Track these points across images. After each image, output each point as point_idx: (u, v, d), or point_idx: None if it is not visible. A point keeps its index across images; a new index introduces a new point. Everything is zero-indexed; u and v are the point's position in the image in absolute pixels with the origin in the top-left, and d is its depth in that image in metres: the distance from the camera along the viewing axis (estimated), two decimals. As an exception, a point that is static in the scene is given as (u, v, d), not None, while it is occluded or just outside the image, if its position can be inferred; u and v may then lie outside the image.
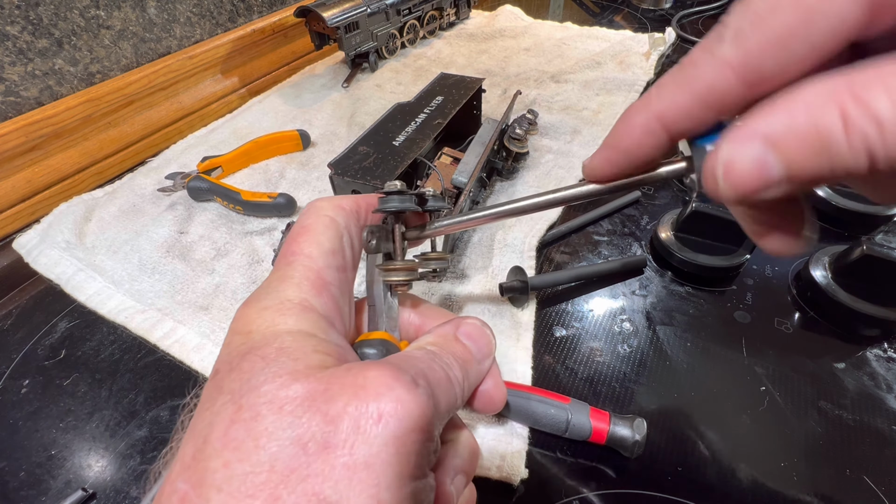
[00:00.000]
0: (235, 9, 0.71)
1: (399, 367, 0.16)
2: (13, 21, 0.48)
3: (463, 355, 0.20)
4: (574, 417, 0.29)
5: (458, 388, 0.19)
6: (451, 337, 0.20)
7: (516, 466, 0.29)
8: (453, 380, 0.18)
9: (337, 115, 0.64)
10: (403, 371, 0.16)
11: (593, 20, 0.92)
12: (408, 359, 0.18)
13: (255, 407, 0.14)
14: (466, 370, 0.19)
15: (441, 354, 0.19)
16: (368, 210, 0.22)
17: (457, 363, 0.19)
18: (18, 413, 0.34)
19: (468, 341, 0.20)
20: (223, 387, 0.15)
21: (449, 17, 0.86)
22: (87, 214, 0.49)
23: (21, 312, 0.41)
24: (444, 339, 0.20)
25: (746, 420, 0.31)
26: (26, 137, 0.49)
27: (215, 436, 0.14)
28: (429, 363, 0.18)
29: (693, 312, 0.38)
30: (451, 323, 0.21)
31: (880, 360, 0.34)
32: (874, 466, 0.29)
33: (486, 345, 0.21)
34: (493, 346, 0.22)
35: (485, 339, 0.21)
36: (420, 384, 0.16)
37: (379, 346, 0.20)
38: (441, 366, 0.18)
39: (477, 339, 0.21)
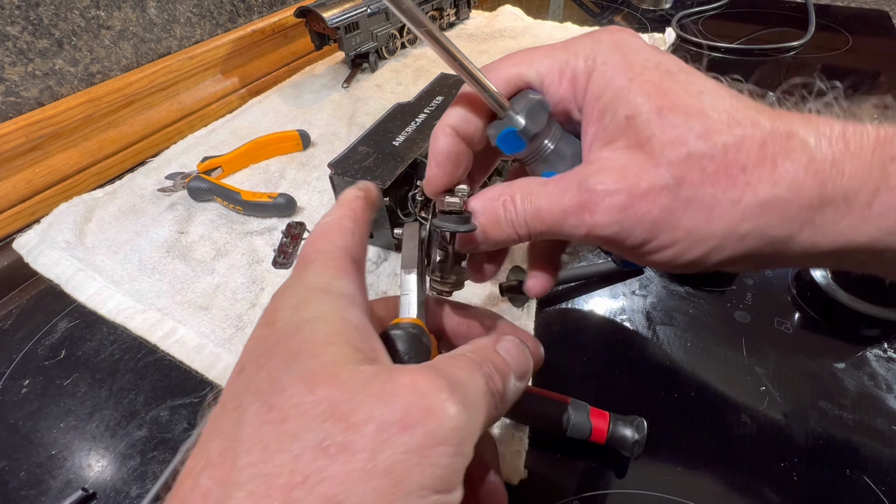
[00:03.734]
0: (235, 9, 0.71)
1: (436, 371, 0.15)
2: (13, 21, 0.48)
3: (503, 368, 0.19)
4: (574, 416, 0.29)
5: (499, 400, 0.18)
6: (490, 349, 0.20)
7: (516, 466, 0.29)
8: (494, 391, 0.18)
9: (337, 116, 0.64)
10: (439, 376, 0.15)
11: (593, 20, 0.92)
12: (448, 363, 0.17)
13: (284, 409, 0.14)
14: (504, 382, 0.19)
15: (483, 363, 0.18)
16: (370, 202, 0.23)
17: (498, 374, 0.19)
18: (19, 413, 0.34)
19: (508, 356, 0.20)
20: (251, 386, 0.15)
21: (449, 17, 0.86)
22: (87, 214, 0.49)
23: (21, 312, 0.41)
24: (483, 349, 0.20)
25: (746, 420, 0.31)
26: (26, 138, 0.49)
27: (245, 435, 0.14)
28: (469, 370, 0.17)
29: (693, 312, 0.38)
30: (490, 337, 0.21)
31: (880, 360, 0.34)
32: (874, 466, 0.29)
33: (524, 363, 0.21)
34: (530, 367, 0.21)
35: (523, 358, 0.21)
36: (457, 393, 0.15)
37: (411, 329, 0.20)
38: (483, 374, 0.18)
39: (516, 356, 0.20)
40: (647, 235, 0.20)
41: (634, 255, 0.22)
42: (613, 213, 0.20)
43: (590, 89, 0.21)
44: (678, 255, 0.20)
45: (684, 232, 0.20)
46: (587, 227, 0.20)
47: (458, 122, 0.23)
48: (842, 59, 0.75)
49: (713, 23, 0.88)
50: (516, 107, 0.22)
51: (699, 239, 0.20)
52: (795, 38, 0.77)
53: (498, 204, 0.22)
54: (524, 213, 0.22)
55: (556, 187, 0.22)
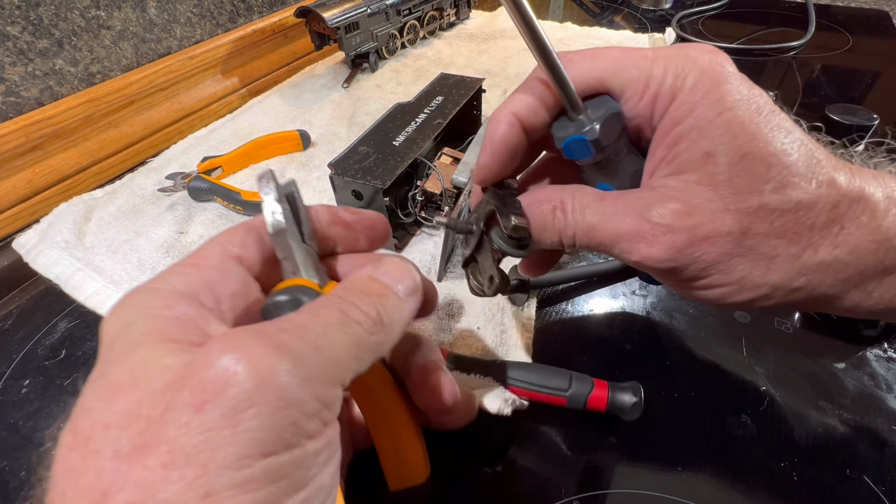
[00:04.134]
0: (236, 9, 0.71)
1: (251, 331, 0.14)
2: (13, 21, 0.48)
3: (378, 290, 0.18)
4: (576, 375, 0.30)
5: (375, 329, 0.17)
6: (364, 277, 0.19)
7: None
8: (358, 319, 0.17)
9: (337, 116, 0.64)
10: (253, 335, 0.14)
11: (593, 20, 0.92)
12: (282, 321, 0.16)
13: (89, 429, 0.13)
14: (384, 305, 0.18)
15: (345, 295, 0.17)
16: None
17: (367, 300, 0.17)
18: (19, 413, 0.34)
19: (386, 277, 0.19)
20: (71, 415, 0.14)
21: (449, 17, 0.86)
22: (87, 214, 0.49)
23: (21, 312, 0.41)
24: (355, 281, 0.19)
25: (746, 420, 0.31)
26: (27, 138, 0.49)
27: (58, 469, 0.13)
28: (314, 311, 0.16)
29: (693, 312, 0.38)
30: (369, 265, 0.20)
31: (880, 360, 0.34)
32: (874, 467, 0.29)
33: (409, 279, 0.20)
34: (417, 282, 0.20)
35: (406, 274, 0.20)
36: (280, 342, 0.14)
37: (281, 295, 0.18)
38: (337, 308, 0.16)
39: (396, 274, 0.19)
40: (700, 274, 0.20)
41: (679, 286, 0.21)
42: (672, 250, 0.19)
43: (671, 112, 0.20)
44: (724, 296, 0.20)
45: (737, 277, 0.20)
46: (640, 256, 0.20)
47: (525, 111, 0.22)
48: (842, 59, 0.75)
49: (713, 23, 0.88)
50: (591, 112, 0.21)
51: (750, 286, 0.20)
52: (795, 38, 0.77)
53: (547, 209, 0.22)
54: (575, 225, 0.21)
55: (614, 207, 0.21)
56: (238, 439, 0.12)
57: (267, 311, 0.18)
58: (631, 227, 0.20)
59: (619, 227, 0.20)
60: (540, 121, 0.22)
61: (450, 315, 0.38)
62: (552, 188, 0.23)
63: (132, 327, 0.15)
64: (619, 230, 0.20)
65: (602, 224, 0.21)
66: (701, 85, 0.20)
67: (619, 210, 0.21)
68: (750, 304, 0.20)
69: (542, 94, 0.22)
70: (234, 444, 0.12)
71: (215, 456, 0.12)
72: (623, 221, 0.20)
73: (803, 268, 0.19)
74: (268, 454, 0.13)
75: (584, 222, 0.21)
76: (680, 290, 0.22)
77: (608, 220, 0.21)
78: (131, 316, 0.16)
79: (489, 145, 0.22)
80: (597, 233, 0.21)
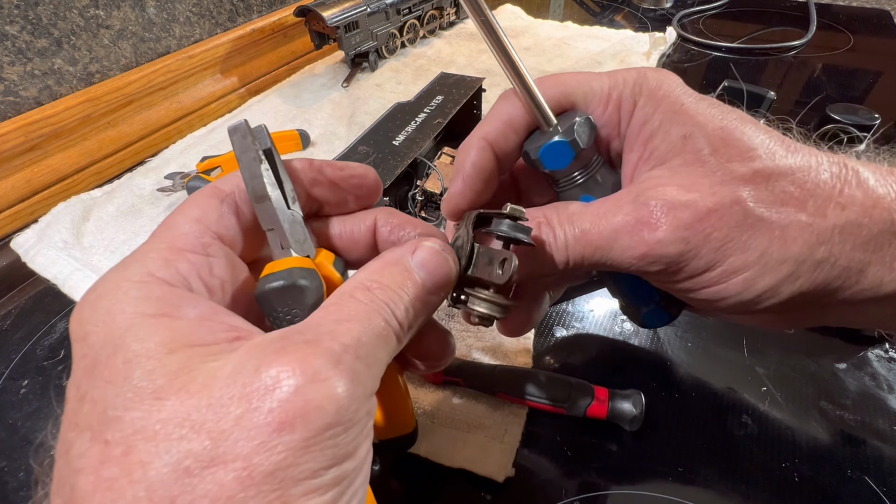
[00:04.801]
0: (235, 8, 0.70)
1: (313, 347, 0.14)
2: (12, 21, 0.48)
3: (413, 290, 0.17)
4: (576, 383, 0.30)
5: (401, 335, 0.16)
6: (401, 266, 0.17)
7: (504, 464, 0.29)
8: (394, 329, 0.16)
9: (337, 115, 0.64)
10: (316, 354, 0.13)
11: (594, 20, 0.92)
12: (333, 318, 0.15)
13: (126, 440, 0.12)
14: (414, 308, 0.17)
15: (382, 294, 0.16)
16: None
17: (402, 301, 0.16)
18: (18, 413, 0.34)
19: (422, 271, 0.17)
20: (79, 423, 0.13)
21: (449, 16, 0.86)
22: (86, 214, 0.49)
23: (20, 313, 0.41)
24: (390, 270, 0.17)
25: (747, 420, 0.31)
26: (25, 137, 0.49)
27: (84, 481, 0.12)
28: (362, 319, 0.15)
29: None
30: (406, 247, 0.18)
31: (881, 361, 0.34)
32: (876, 467, 0.29)
33: (444, 275, 0.18)
34: (452, 274, 0.18)
35: (443, 269, 0.18)
36: (342, 366, 0.13)
37: (280, 280, 0.16)
38: (382, 316, 0.16)
39: (433, 268, 0.18)
40: (715, 257, 0.18)
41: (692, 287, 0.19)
42: (679, 228, 0.18)
43: (636, 114, 0.20)
44: (747, 284, 0.18)
45: (757, 254, 0.18)
46: (646, 245, 0.18)
47: (495, 135, 0.21)
48: (843, 58, 0.75)
49: (714, 22, 0.88)
50: (563, 122, 0.21)
51: (774, 263, 0.17)
52: (796, 38, 0.77)
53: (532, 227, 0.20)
54: (564, 236, 0.19)
55: (603, 206, 0.19)
56: (315, 457, 0.13)
57: (265, 296, 0.17)
58: (628, 217, 0.18)
59: (615, 221, 0.19)
60: (510, 144, 0.22)
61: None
62: (532, 209, 0.21)
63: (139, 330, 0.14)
64: (615, 224, 0.19)
65: (595, 225, 0.19)
66: (658, 89, 0.20)
67: (611, 207, 0.19)
68: (775, 294, 0.18)
69: (509, 117, 0.21)
70: (311, 461, 0.13)
71: (293, 472, 0.12)
72: (617, 215, 0.19)
73: (819, 234, 0.17)
74: (335, 465, 0.13)
75: (574, 230, 0.19)
76: (692, 295, 0.20)
77: (600, 219, 0.19)
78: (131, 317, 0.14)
79: (460, 173, 0.21)
80: (591, 236, 0.19)
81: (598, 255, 0.19)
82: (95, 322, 0.14)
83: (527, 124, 0.22)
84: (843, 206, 0.18)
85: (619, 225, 0.19)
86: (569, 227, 0.20)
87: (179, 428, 0.12)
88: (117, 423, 0.12)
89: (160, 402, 0.13)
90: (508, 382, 0.31)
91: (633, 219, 0.18)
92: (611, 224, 0.19)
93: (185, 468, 0.12)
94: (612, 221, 0.19)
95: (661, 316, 0.26)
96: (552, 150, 0.21)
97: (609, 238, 0.19)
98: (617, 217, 0.19)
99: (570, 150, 0.21)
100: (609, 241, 0.19)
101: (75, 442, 0.13)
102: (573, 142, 0.20)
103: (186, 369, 0.13)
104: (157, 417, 0.12)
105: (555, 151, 0.21)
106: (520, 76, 0.20)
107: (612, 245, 0.19)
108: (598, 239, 0.19)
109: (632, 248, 0.18)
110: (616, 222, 0.19)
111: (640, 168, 0.20)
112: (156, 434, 0.12)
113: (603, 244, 0.19)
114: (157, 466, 0.12)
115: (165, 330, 0.14)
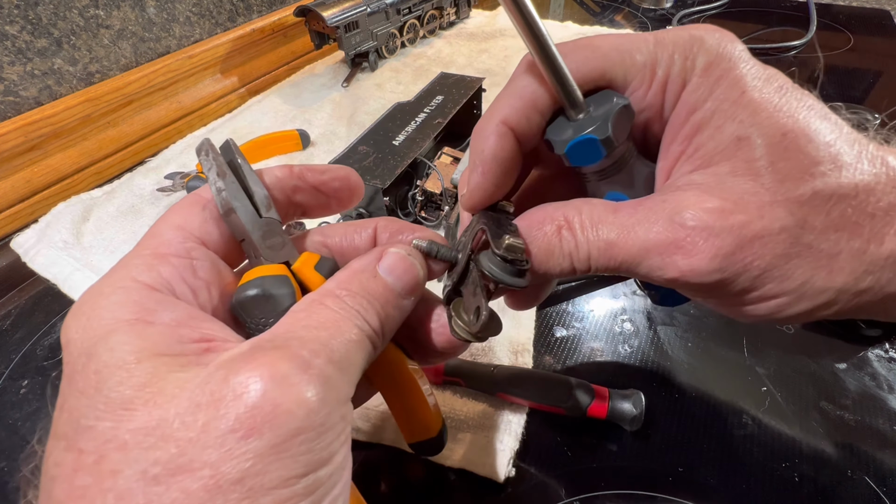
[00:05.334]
0: (235, 8, 0.70)
1: (281, 352, 0.14)
2: (12, 20, 0.48)
3: (382, 295, 0.17)
4: (576, 383, 0.30)
5: (376, 339, 0.16)
6: (368, 273, 0.17)
7: (504, 464, 0.29)
8: (367, 334, 0.16)
9: (337, 115, 0.64)
10: (284, 358, 0.13)
11: (594, 19, 0.92)
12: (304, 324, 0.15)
13: (98, 449, 0.12)
14: (386, 312, 0.17)
15: (352, 301, 0.16)
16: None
17: (373, 307, 0.17)
18: (18, 413, 0.34)
19: (390, 277, 0.18)
20: (57, 431, 0.13)
21: (449, 16, 0.86)
22: (86, 214, 0.49)
23: (20, 313, 0.41)
24: (358, 277, 0.17)
25: (748, 420, 0.31)
26: (25, 137, 0.49)
27: (59, 489, 0.13)
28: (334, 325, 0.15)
29: (694, 312, 0.38)
30: (371, 254, 0.18)
31: (881, 361, 0.34)
32: (876, 467, 0.28)
33: (411, 279, 0.18)
34: (420, 278, 0.19)
35: (411, 273, 0.18)
36: (312, 372, 0.13)
37: (252, 289, 0.17)
38: (355, 322, 0.16)
39: (401, 273, 0.18)
40: (751, 285, 0.16)
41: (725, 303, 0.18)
42: (717, 258, 0.16)
43: (685, 98, 0.17)
44: (780, 308, 0.17)
45: (797, 283, 0.16)
46: (678, 272, 0.16)
47: (515, 117, 0.18)
48: (843, 58, 0.75)
49: (714, 22, 0.87)
50: (595, 109, 0.18)
51: (813, 293, 0.16)
52: (797, 38, 0.77)
53: (551, 230, 0.18)
54: (588, 244, 0.18)
55: (634, 217, 0.17)
56: (285, 464, 0.13)
57: (239, 306, 0.17)
58: (660, 236, 0.16)
59: (646, 238, 0.17)
60: (533, 126, 0.19)
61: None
62: (551, 206, 0.19)
63: (112, 339, 0.14)
64: (645, 242, 0.17)
65: (623, 238, 0.17)
66: (715, 65, 0.17)
67: (642, 219, 0.17)
68: (808, 315, 0.17)
69: (532, 95, 0.19)
70: (281, 468, 0.12)
71: (262, 480, 0.12)
72: (649, 231, 0.17)
73: (870, 264, 0.16)
74: (309, 473, 0.13)
75: (599, 240, 0.18)
76: (725, 309, 0.18)
77: (629, 232, 0.17)
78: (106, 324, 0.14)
79: (480, 164, 0.19)
80: (617, 250, 0.17)
81: (623, 267, 0.18)
82: (76, 329, 0.14)
83: (554, 102, 0.19)
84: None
85: (650, 243, 0.17)
86: (592, 235, 0.18)
87: (148, 437, 0.12)
88: (90, 433, 0.13)
89: (130, 412, 0.13)
90: (508, 382, 0.31)
91: (667, 239, 0.16)
92: (641, 240, 0.17)
93: (153, 476, 0.12)
94: (643, 237, 0.17)
95: (677, 297, 0.23)
96: (581, 147, 0.18)
97: (637, 255, 0.17)
98: (649, 233, 0.17)
99: (602, 149, 0.18)
100: (637, 258, 0.17)
101: (53, 451, 0.13)
102: (606, 141, 0.17)
103: (155, 380, 0.13)
104: (128, 427, 0.12)
105: (584, 149, 0.18)
106: (542, 45, 0.17)
107: (639, 262, 0.17)
108: (625, 254, 0.17)
109: (661, 270, 0.17)
110: (647, 239, 0.17)
111: (681, 166, 0.18)
112: (126, 444, 0.12)
113: (629, 259, 0.17)
114: (127, 475, 0.12)
115: (136, 339, 0.14)
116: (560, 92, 0.18)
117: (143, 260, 0.16)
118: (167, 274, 0.16)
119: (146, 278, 0.15)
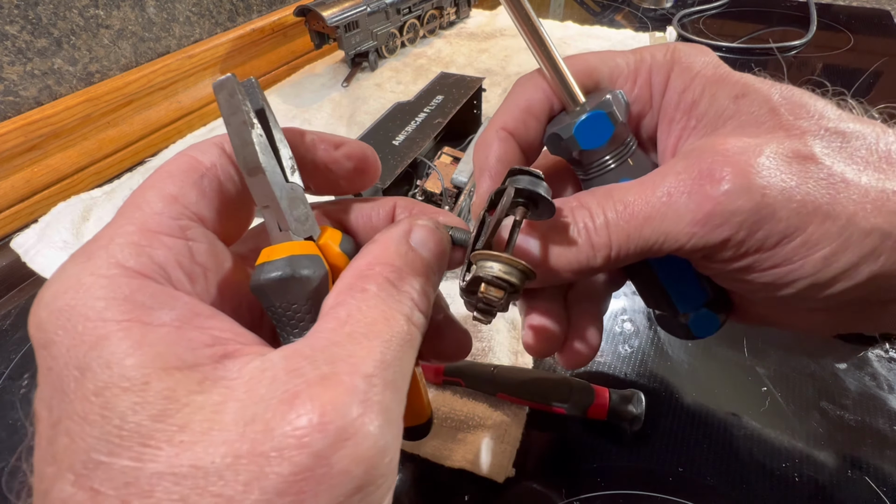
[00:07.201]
0: (235, 8, 0.70)
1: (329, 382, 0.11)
2: (12, 20, 0.48)
3: (423, 270, 0.15)
4: (576, 383, 0.30)
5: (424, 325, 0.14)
6: (405, 246, 0.15)
7: (504, 464, 0.29)
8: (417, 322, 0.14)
9: (337, 115, 0.64)
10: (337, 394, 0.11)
11: (594, 19, 0.92)
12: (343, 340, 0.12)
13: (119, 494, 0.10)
14: (427, 290, 0.15)
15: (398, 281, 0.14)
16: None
17: (420, 284, 0.14)
18: (18, 413, 0.34)
19: (424, 250, 0.15)
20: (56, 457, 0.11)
21: (449, 16, 0.86)
22: (85, 214, 0.49)
23: (20, 312, 0.41)
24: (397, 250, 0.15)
25: (748, 421, 0.31)
26: (25, 137, 0.49)
27: None
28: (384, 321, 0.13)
29: (694, 312, 0.38)
30: (398, 226, 0.16)
31: (882, 361, 0.34)
32: (876, 467, 0.28)
33: (443, 252, 0.16)
34: (447, 252, 0.17)
35: (441, 247, 0.16)
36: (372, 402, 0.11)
37: (292, 267, 0.14)
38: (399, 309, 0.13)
39: (433, 247, 0.16)
40: (794, 223, 0.15)
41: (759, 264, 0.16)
42: (749, 174, 0.15)
43: (672, 85, 0.18)
44: (827, 262, 0.15)
45: (842, 222, 0.14)
46: (711, 201, 0.15)
47: (514, 124, 0.19)
48: (843, 58, 0.75)
49: (714, 22, 0.88)
50: (592, 100, 0.19)
51: (858, 234, 0.15)
52: (797, 38, 0.77)
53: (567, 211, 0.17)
54: (604, 215, 0.16)
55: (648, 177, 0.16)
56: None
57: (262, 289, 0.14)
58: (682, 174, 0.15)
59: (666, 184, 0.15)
60: (531, 131, 0.20)
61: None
62: (559, 200, 0.18)
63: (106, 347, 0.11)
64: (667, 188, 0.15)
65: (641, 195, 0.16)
66: (695, 56, 0.18)
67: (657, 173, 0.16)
68: (856, 272, 0.15)
69: (527, 101, 0.20)
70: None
71: None
72: (667, 178, 0.15)
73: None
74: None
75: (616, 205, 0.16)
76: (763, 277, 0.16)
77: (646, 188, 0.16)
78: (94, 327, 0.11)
79: (486, 169, 0.19)
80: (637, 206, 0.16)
81: (646, 230, 0.16)
82: (56, 328, 0.11)
83: (547, 109, 0.20)
84: None
85: (672, 188, 0.15)
86: (608, 204, 0.16)
87: (178, 486, 0.10)
88: (105, 471, 0.10)
89: (152, 450, 0.11)
90: (508, 382, 0.31)
91: (690, 176, 0.15)
92: (662, 189, 0.15)
93: None
94: (663, 186, 0.15)
95: (712, 321, 0.21)
96: (589, 124, 0.18)
97: (661, 205, 0.15)
98: (667, 179, 0.15)
99: (609, 124, 0.18)
100: (661, 209, 0.15)
101: (56, 483, 0.11)
102: (612, 114, 0.18)
103: (174, 408, 0.11)
104: (152, 470, 0.10)
105: (592, 126, 0.18)
106: (545, 49, 0.18)
107: (665, 212, 0.15)
108: (647, 208, 0.15)
109: (692, 211, 0.15)
110: (668, 185, 0.15)
111: (685, 140, 0.18)
112: (152, 491, 0.10)
113: (653, 213, 0.15)
114: None
115: (136, 348, 0.11)
116: (561, 87, 0.19)
117: (127, 238, 0.13)
118: (160, 258, 0.13)
119: (134, 263, 0.12)
